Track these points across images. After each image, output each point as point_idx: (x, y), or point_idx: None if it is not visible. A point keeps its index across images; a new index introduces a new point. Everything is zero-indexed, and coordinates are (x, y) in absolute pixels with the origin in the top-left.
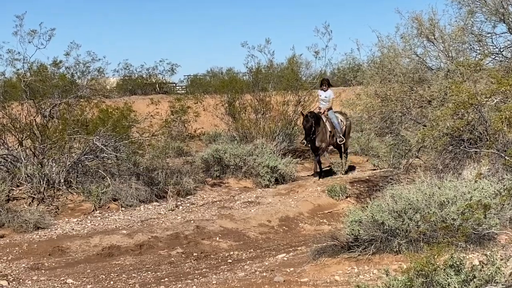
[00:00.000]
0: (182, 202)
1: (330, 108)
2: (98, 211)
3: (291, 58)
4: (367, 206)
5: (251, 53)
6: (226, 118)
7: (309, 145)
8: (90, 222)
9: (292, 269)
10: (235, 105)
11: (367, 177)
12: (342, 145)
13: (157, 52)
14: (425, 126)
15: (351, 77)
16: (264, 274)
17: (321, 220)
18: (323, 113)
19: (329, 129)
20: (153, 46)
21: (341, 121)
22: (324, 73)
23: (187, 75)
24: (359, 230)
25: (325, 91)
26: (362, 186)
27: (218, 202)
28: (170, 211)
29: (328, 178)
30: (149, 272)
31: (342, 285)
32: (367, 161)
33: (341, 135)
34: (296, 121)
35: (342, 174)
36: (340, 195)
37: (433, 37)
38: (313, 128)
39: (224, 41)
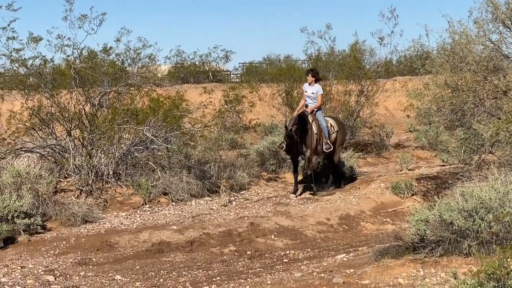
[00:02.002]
0: (235, 197)
1: (319, 108)
2: (147, 205)
3: (354, 44)
4: (434, 205)
5: (310, 39)
6: (283, 108)
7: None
8: (140, 216)
9: (352, 270)
10: (293, 94)
11: (435, 174)
12: (330, 156)
13: (211, 38)
14: (499, 118)
15: (419, 66)
16: (322, 275)
17: (384, 219)
18: (310, 112)
19: (315, 131)
20: (207, 31)
21: (331, 126)
22: (389, 60)
23: (242, 63)
24: (425, 230)
25: (311, 85)
26: (429, 183)
27: (273, 198)
28: (223, 207)
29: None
30: (200, 270)
31: None
32: (435, 156)
33: (328, 142)
34: (358, 112)
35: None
36: (406, 192)
37: (509, 22)
38: (297, 143)
39: (282, 27)
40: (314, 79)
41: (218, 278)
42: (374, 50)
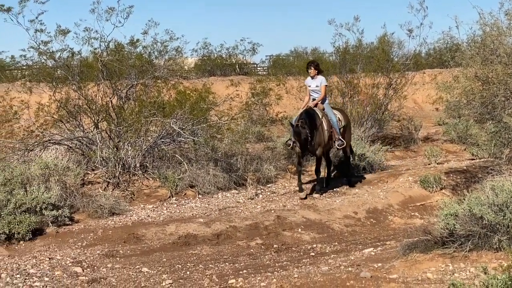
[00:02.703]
0: (262, 190)
1: (325, 99)
2: (174, 198)
3: (382, 37)
4: (464, 199)
5: (338, 32)
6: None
7: (295, 148)
8: (166, 209)
9: (380, 264)
10: None
11: (465, 168)
12: (342, 151)
13: (238, 30)
14: None
15: (449, 58)
16: (350, 269)
17: (412, 213)
18: (315, 106)
19: (326, 128)
20: (234, 24)
21: (339, 119)
22: (418, 53)
23: (269, 55)
24: (454, 225)
25: (314, 78)
26: (458, 177)
27: None
28: (249, 200)
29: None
30: (227, 263)
31: (435, 283)
32: (464, 150)
33: (340, 138)
34: (386, 106)
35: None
36: (434, 186)
37: None
38: (309, 138)
39: (309, 19)
40: (316, 71)
41: (244, 271)
42: (403, 42)
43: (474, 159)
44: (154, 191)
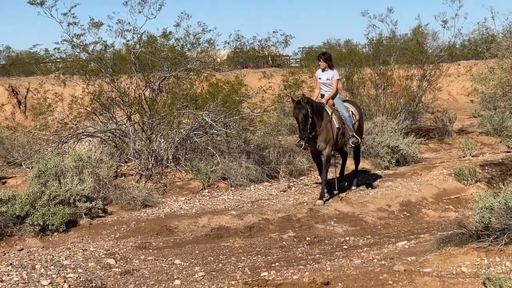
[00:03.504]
0: (294, 183)
1: (336, 95)
2: (206, 190)
3: (416, 28)
4: (499, 192)
5: (372, 23)
6: (343, 93)
7: (308, 148)
8: (199, 201)
9: (413, 258)
10: (353, 79)
11: (500, 160)
12: (355, 148)
13: (270, 22)
14: None
15: (484, 49)
16: (383, 262)
17: (447, 206)
18: (327, 102)
19: (337, 125)
20: (266, 16)
21: (352, 113)
22: (453, 44)
23: (302, 47)
24: (490, 218)
25: (324, 70)
26: (494, 169)
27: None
28: (282, 192)
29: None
30: (259, 256)
31: (470, 277)
32: (500, 142)
33: (355, 134)
34: (420, 98)
35: (354, 187)
36: (469, 179)
37: None
38: (310, 119)
39: (342, 10)
40: (326, 64)
41: (277, 264)
42: (437, 33)
43: (510, 152)
44: (186, 183)
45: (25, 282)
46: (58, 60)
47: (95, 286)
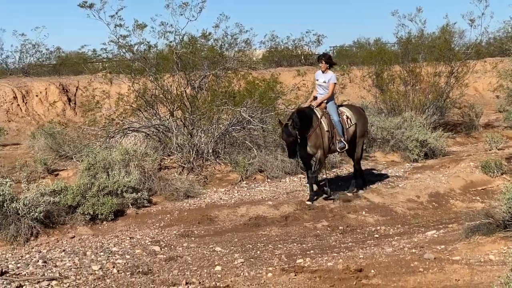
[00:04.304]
0: (327, 175)
1: (331, 99)
2: (244, 182)
3: (444, 27)
4: None
5: (401, 22)
6: (374, 90)
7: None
8: (237, 192)
9: (442, 246)
10: (383, 76)
11: None
12: (351, 152)
13: (303, 23)
14: None
15: (510, 47)
16: (413, 250)
17: (474, 197)
18: (319, 105)
19: (326, 129)
20: (299, 16)
21: (347, 118)
22: (479, 42)
23: (333, 46)
24: None
25: (324, 72)
26: None
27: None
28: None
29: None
30: (294, 244)
31: (497, 265)
32: None
33: (342, 140)
34: (448, 94)
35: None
36: (495, 171)
37: None
38: (297, 140)
39: (372, 10)
40: (327, 65)
41: (312, 251)
42: (464, 32)
43: None
44: (225, 175)
45: (77, 267)
46: (105, 60)
47: (142, 271)
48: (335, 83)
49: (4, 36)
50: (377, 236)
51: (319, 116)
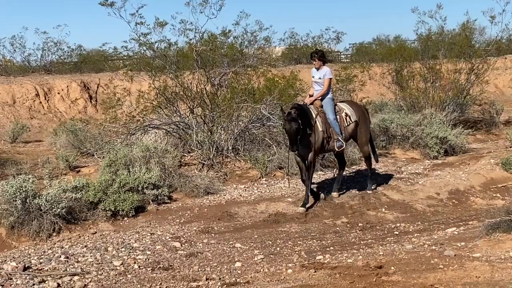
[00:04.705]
0: (346, 172)
1: (327, 95)
2: (264, 179)
3: (464, 23)
4: None
5: (421, 19)
6: (393, 87)
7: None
8: (257, 189)
9: (463, 243)
10: (403, 73)
11: None
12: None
13: (323, 20)
14: None
15: None
16: (433, 247)
17: (494, 194)
18: (313, 102)
19: (321, 129)
20: (318, 13)
21: (346, 115)
22: (500, 39)
23: (352, 44)
24: None
25: (319, 69)
26: None
27: (383, 173)
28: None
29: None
30: (314, 240)
31: None
32: None
33: (340, 138)
34: (468, 90)
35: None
36: None
37: None
38: (301, 131)
39: (391, 7)
40: (321, 62)
41: (331, 248)
42: (484, 29)
43: None
44: (245, 172)
45: (99, 263)
46: (126, 58)
47: (163, 267)
48: (330, 78)
49: (27, 34)
50: (396, 233)
51: (313, 115)
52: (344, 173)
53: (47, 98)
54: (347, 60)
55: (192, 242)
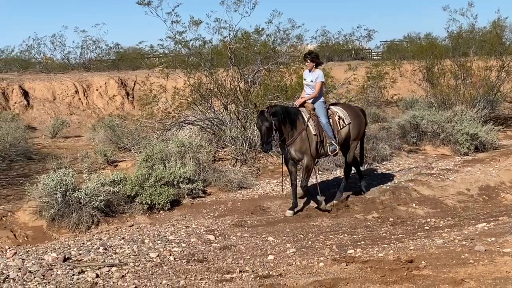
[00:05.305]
0: (377, 167)
1: (319, 98)
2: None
3: (495, 21)
4: None
5: (452, 17)
6: (424, 84)
7: (280, 154)
8: (289, 184)
9: (493, 239)
10: (434, 70)
11: None
12: (344, 154)
13: (354, 18)
14: None
15: None
16: (464, 242)
17: None
18: (302, 104)
19: (314, 132)
20: (350, 11)
21: (339, 118)
22: None
23: (383, 41)
24: None
25: (311, 71)
26: None
27: (414, 169)
28: (366, 176)
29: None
30: (345, 235)
31: None
32: None
33: (333, 142)
34: (499, 87)
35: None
36: None
37: None
38: (274, 131)
39: (422, 5)
40: (313, 64)
41: (362, 242)
42: None
43: None
44: (277, 167)
45: (136, 255)
46: (161, 55)
47: (197, 259)
48: (322, 82)
49: (66, 32)
50: (427, 228)
51: (305, 119)
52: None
53: (86, 94)
54: (378, 57)
55: (226, 235)
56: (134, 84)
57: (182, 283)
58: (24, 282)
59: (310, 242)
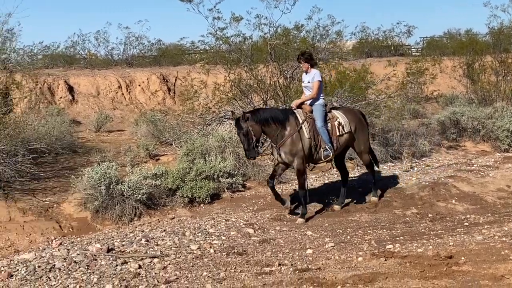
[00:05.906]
0: (417, 163)
1: (317, 100)
2: (334, 169)
3: None
4: None
5: (493, 13)
6: (464, 80)
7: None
8: (328, 179)
9: None
10: (474, 67)
11: None
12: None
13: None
14: None
15: None
16: (504, 239)
17: None
18: (299, 106)
19: (307, 136)
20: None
21: (339, 124)
22: None
23: (423, 37)
24: None
25: (307, 72)
26: None
27: (454, 165)
28: (405, 172)
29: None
30: (384, 230)
31: None
32: None
33: (327, 147)
34: None
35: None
36: None
37: None
38: (254, 136)
39: (462, 1)
40: (308, 65)
41: (401, 237)
42: None
43: None
44: None
45: (177, 247)
46: (202, 51)
47: (237, 252)
48: (319, 81)
49: (110, 29)
50: (466, 224)
51: (300, 120)
52: (372, 178)
53: (128, 90)
54: (418, 54)
55: (265, 229)
56: (176, 79)
57: (222, 275)
58: (69, 272)
59: (348, 237)
